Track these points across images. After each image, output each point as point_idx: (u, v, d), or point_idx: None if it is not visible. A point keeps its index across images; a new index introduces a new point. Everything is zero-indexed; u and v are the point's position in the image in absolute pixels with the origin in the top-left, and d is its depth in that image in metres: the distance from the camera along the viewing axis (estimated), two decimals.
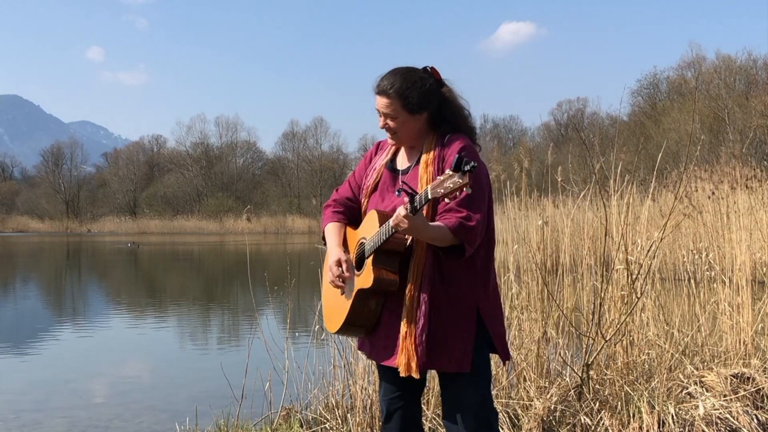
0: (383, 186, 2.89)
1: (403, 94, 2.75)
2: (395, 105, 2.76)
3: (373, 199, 2.91)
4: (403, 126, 2.80)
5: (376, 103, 2.81)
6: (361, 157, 12.82)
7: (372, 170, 2.96)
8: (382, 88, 2.78)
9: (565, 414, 4.27)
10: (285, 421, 4.71)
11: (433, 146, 2.79)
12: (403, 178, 2.82)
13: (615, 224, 5.07)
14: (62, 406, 6.19)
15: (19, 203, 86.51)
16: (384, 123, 2.81)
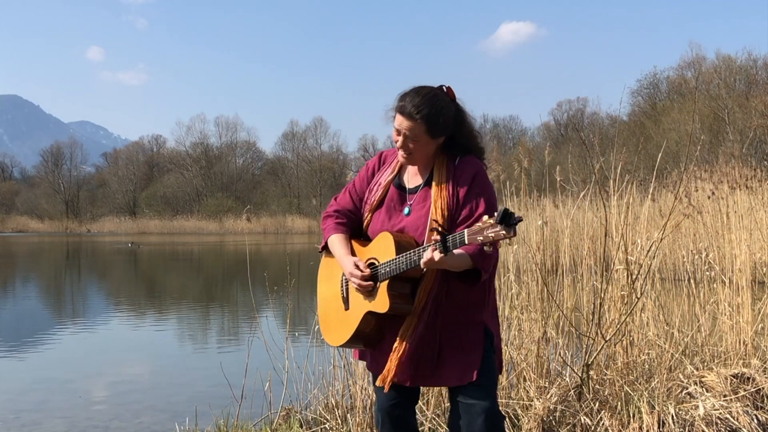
0: (390, 203, 2.86)
1: (430, 121, 2.72)
2: (419, 129, 2.72)
3: (378, 215, 2.87)
4: (422, 148, 2.77)
5: (398, 121, 2.74)
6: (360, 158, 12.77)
7: (377, 186, 2.92)
8: (408, 111, 2.71)
9: (565, 414, 4.26)
10: (285, 421, 4.71)
11: (445, 168, 2.79)
12: (411, 197, 2.82)
13: (615, 224, 5.07)
14: (62, 406, 6.18)
15: (18, 203, 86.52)
16: (403, 143, 2.75)
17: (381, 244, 2.77)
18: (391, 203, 2.86)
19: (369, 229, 2.90)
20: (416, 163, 2.84)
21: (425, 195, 2.79)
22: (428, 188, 2.79)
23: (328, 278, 3.00)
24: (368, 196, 2.93)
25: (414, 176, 2.87)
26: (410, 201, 2.83)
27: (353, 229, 2.96)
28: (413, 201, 2.82)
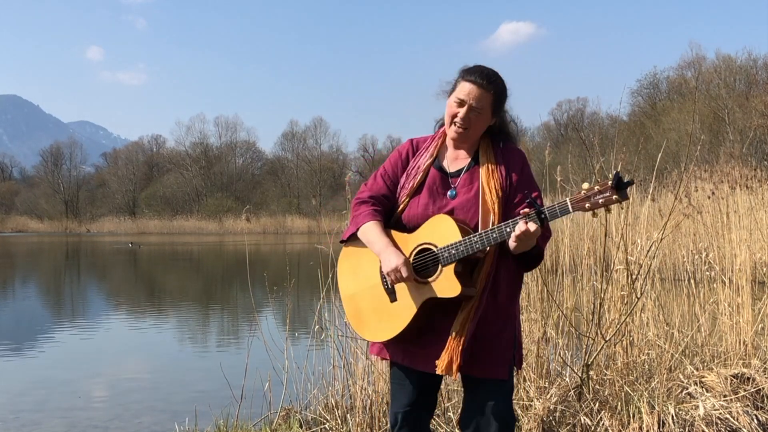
0: (432, 187, 2.76)
1: (498, 95, 2.72)
2: (486, 101, 2.70)
3: (417, 200, 2.76)
4: (480, 124, 2.74)
5: (464, 91, 2.69)
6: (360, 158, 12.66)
7: (415, 170, 2.81)
8: (481, 81, 2.68)
9: (565, 414, 4.26)
10: (284, 421, 4.70)
11: (492, 152, 2.76)
12: (454, 181, 2.75)
13: (615, 224, 5.07)
14: (61, 406, 6.18)
15: (18, 203, 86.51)
16: (465, 115, 2.69)
17: (438, 228, 2.64)
18: (433, 187, 2.76)
19: (405, 215, 2.77)
20: (468, 141, 2.77)
21: (471, 177, 2.73)
22: (473, 171, 2.74)
23: (354, 271, 2.83)
24: (405, 181, 2.81)
25: (455, 161, 2.80)
26: (454, 184, 2.75)
27: (386, 215, 2.82)
28: (458, 184, 2.74)
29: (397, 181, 2.84)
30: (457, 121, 2.72)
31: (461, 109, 2.70)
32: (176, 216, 69.63)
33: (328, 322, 4.85)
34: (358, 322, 2.80)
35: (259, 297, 10.08)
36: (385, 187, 2.84)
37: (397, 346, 2.76)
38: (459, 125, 2.72)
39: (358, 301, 2.80)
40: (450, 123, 2.74)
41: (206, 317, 12.45)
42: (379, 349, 2.85)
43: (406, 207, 2.78)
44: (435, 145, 2.84)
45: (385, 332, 2.71)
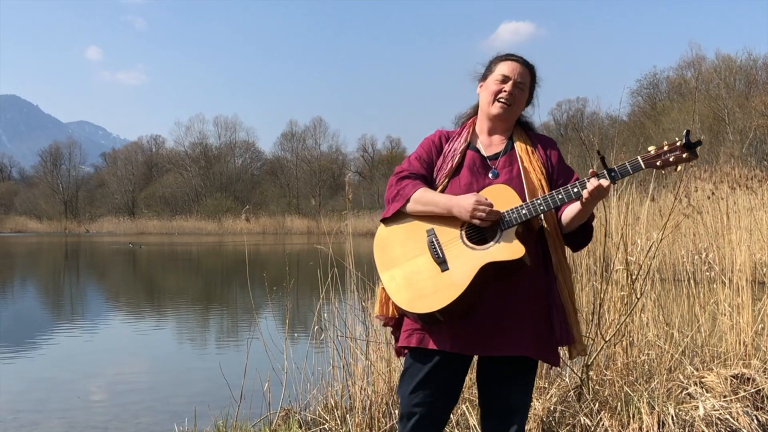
0: (472, 167, 2.76)
1: (534, 78, 2.86)
2: (528, 79, 2.81)
3: (458, 180, 2.74)
4: (521, 102, 2.83)
5: (509, 68, 2.78)
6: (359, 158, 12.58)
7: (452, 152, 2.81)
8: (523, 60, 2.82)
9: (565, 415, 4.25)
10: (284, 421, 4.69)
11: (526, 136, 2.85)
12: (493, 162, 2.77)
13: (614, 224, 5.06)
14: (60, 406, 6.17)
15: (17, 203, 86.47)
16: (511, 90, 2.76)
17: (495, 196, 2.62)
18: (473, 167, 2.76)
19: (447, 193, 2.72)
20: (509, 120, 2.82)
21: (509, 159, 2.77)
22: (511, 154, 2.78)
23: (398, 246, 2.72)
24: (442, 163, 2.81)
25: (489, 145, 2.83)
26: (494, 165, 2.77)
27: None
28: (498, 165, 2.77)
29: (432, 164, 2.82)
30: (502, 96, 2.77)
31: (506, 84, 2.77)
32: (175, 216, 69.58)
33: (327, 323, 4.85)
34: (401, 295, 2.65)
35: (258, 297, 10.07)
36: (423, 169, 2.82)
37: (442, 332, 2.64)
38: (505, 100, 2.77)
39: (403, 274, 2.67)
40: (493, 101, 2.78)
41: (205, 317, 12.44)
42: (419, 339, 2.68)
43: (446, 188, 2.74)
44: (468, 132, 2.87)
45: (436, 302, 2.56)
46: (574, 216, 2.63)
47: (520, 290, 2.63)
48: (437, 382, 2.68)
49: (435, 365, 2.67)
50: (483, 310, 2.62)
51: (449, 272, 2.58)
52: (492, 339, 2.62)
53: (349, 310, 4.86)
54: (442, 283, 2.58)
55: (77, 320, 12.06)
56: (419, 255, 2.66)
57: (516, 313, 2.62)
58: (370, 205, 51.23)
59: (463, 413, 4.22)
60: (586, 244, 2.76)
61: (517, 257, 2.52)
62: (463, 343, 2.63)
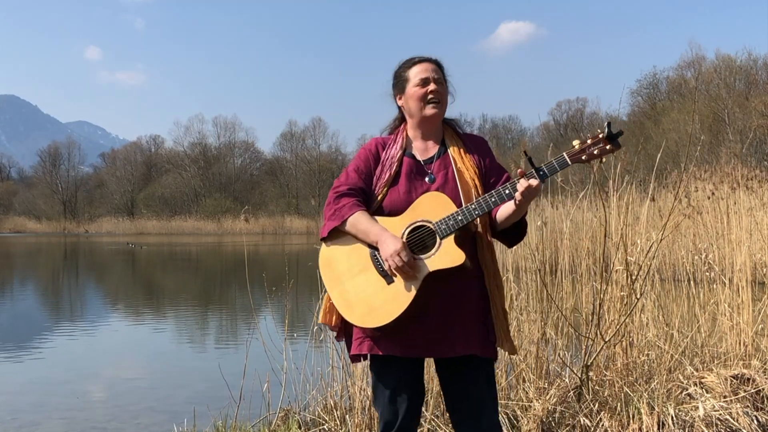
0: (410, 174, 2.80)
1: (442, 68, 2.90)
2: (442, 73, 2.87)
3: (397, 188, 2.78)
4: (446, 97, 2.87)
5: (422, 70, 2.83)
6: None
7: (389, 160, 2.84)
8: (428, 57, 2.87)
9: (565, 415, 4.25)
10: (283, 422, 4.69)
11: (457, 136, 2.89)
12: (428, 167, 2.81)
13: (614, 225, 5.05)
14: (59, 407, 6.16)
15: (16, 204, 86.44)
16: (435, 89, 2.81)
17: (431, 204, 2.68)
18: (410, 174, 2.81)
19: (387, 202, 2.77)
20: (439, 118, 2.86)
21: (443, 162, 2.81)
22: (444, 157, 2.83)
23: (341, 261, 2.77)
24: (381, 172, 2.83)
25: (424, 149, 2.87)
26: (429, 170, 2.81)
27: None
28: (433, 169, 2.81)
29: (371, 175, 2.85)
30: (431, 97, 2.81)
31: (428, 85, 2.81)
32: (175, 216, 69.55)
33: None
34: (350, 310, 2.71)
35: (257, 298, 10.06)
36: (361, 182, 2.84)
37: (392, 338, 2.69)
38: (433, 98, 2.82)
39: (349, 289, 2.72)
40: (423, 104, 2.82)
41: (205, 318, 12.43)
42: (370, 346, 2.74)
43: (385, 196, 2.79)
44: (402, 138, 2.90)
45: (386, 316, 2.63)
46: (508, 215, 2.70)
47: (463, 292, 2.71)
48: (402, 388, 2.75)
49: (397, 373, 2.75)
50: (429, 314, 2.68)
51: (395, 285, 2.65)
52: (440, 341, 2.69)
53: None
54: (390, 296, 2.64)
55: (76, 320, 12.04)
56: (364, 270, 2.72)
57: (460, 314, 2.69)
58: None
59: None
60: (520, 239, 2.82)
61: (458, 263, 2.60)
62: (413, 348, 2.70)
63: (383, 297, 2.65)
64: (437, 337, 2.67)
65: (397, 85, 2.90)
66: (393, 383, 2.76)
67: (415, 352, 2.70)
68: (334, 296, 2.76)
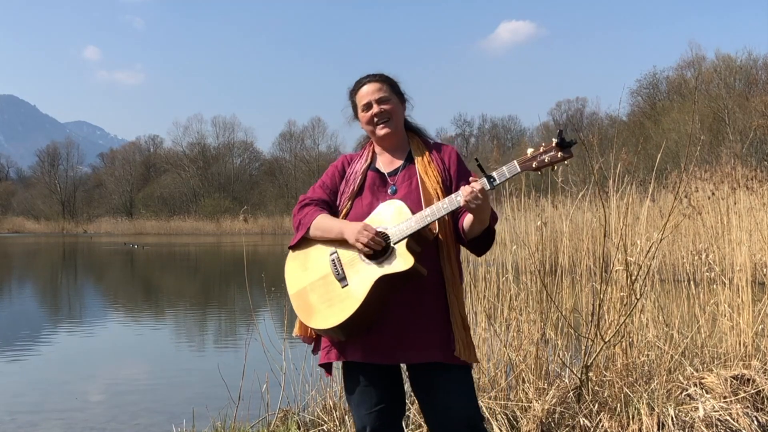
0: (372, 187, 2.85)
1: (390, 80, 2.90)
2: (386, 88, 2.87)
3: (360, 200, 2.84)
4: (395, 112, 2.87)
5: (365, 93, 2.87)
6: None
7: (353, 175, 2.91)
8: (368, 78, 2.89)
9: (564, 416, 4.24)
10: (282, 423, 4.68)
11: (423, 146, 2.90)
12: (392, 179, 2.84)
13: (614, 225, 5.05)
14: (58, 407, 6.16)
15: (14, 204, 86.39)
16: (379, 109, 2.84)
17: (387, 212, 2.72)
18: (373, 187, 2.85)
19: (351, 215, 2.83)
20: (396, 134, 2.88)
21: (408, 173, 2.84)
22: (410, 168, 2.85)
23: (303, 269, 2.85)
24: (344, 187, 2.91)
25: (389, 162, 2.90)
26: (393, 182, 2.84)
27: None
28: (396, 181, 2.84)
29: (336, 190, 2.94)
30: (376, 119, 2.85)
31: (371, 109, 2.85)
32: (173, 217, 69.50)
33: None
34: (307, 314, 2.77)
35: (256, 298, 10.04)
36: (326, 195, 2.94)
37: (355, 344, 2.73)
38: (380, 119, 2.85)
39: (307, 293, 2.79)
40: (373, 127, 2.87)
41: (204, 318, 12.42)
42: (337, 354, 2.80)
43: (350, 209, 2.86)
44: (368, 153, 2.96)
45: (336, 316, 2.68)
46: (471, 224, 2.68)
47: (423, 298, 2.71)
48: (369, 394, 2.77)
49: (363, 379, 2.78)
50: (388, 321, 2.69)
51: (348, 287, 2.70)
52: (397, 348, 2.70)
53: None
54: (342, 298, 2.69)
55: (75, 321, 12.03)
56: (321, 275, 2.78)
57: (421, 320, 2.69)
58: None
59: None
60: (486, 249, 2.77)
61: (406, 268, 2.60)
62: (373, 354, 2.72)
63: (335, 299, 2.71)
64: (394, 343, 2.69)
65: (353, 111, 2.97)
66: (360, 389, 2.79)
67: (376, 358, 2.72)
68: (292, 300, 2.84)
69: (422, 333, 2.69)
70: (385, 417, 2.77)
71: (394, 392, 2.81)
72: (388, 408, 2.78)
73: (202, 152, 77.88)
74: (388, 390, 2.79)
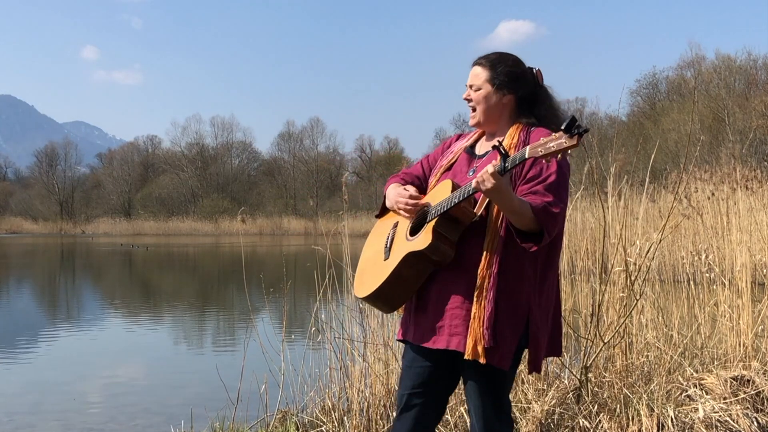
0: (458, 167, 2.83)
1: (494, 66, 2.76)
2: (482, 77, 2.77)
3: (444, 178, 2.82)
4: (483, 102, 2.76)
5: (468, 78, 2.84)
6: (357, 158, 12.75)
7: (450, 153, 2.91)
8: (477, 59, 2.82)
9: (564, 417, 4.23)
10: (281, 424, 4.67)
11: (517, 133, 2.73)
12: (478, 161, 2.77)
13: (613, 225, 5.04)
14: (56, 408, 6.14)
15: (12, 204, 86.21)
16: (467, 96, 2.81)
17: (437, 191, 2.72)
18: (459, 167, 2.83)
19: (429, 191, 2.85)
20: (483, 123, 2.81)
21: (491, 158, 2.72)
22: (495, 152, 2.69)
23: (373, 241, 2.94)
24: (440, 162, 2.92)
25: (486, 146, 2.84)
26: (476, 164, 2.78)
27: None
28: (480, 164, 2.76)
29: (434, 165, 2.96)
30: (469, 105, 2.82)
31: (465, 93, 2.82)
32: (172, 217, 69.42)
33: (324, 324, 4.82)
34: (357, 281, 2.89)
35: (255, 299, 10.02)
36: (420, 170, 2.98)
37: (408, 323, 2.78)
38: (470, 107, 2.82)
39: (364, 264, 2.91)
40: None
41: (202, 319, 12.40)
42: (400, 332, 2.86)
43: (434, 185, 2.84)
44: (477, 133, 2.92)
45: (368, 288, 2.74)
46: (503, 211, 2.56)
47: (460, 285, 2.61)
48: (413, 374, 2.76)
49: (406, 354, 2.81)
50: (429, 302, 2.67)
51: (386, 261, 2.75)
52: (435, 331, 2.65)
53: (346, 312, 4.84)
54: (378, 271, 2.74)
55: (73, 322, 12.02)
56: (379, 246, 2.86)
57: (453, 307, 2.61)
58: (367, 205, 51.12)
59: (461, 415, 4.19)
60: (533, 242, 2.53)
61: (422, 247, 2.57)
62: (419, 334, 2.71)
63: (376, 271, 2.76)
64: (433, 324, 2.65)
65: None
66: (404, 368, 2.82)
67: (419, 339, 2.70)
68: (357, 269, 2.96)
69: (453, 319, 2.60)
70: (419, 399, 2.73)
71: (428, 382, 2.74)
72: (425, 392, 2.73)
73: (201, 152, 77.78)
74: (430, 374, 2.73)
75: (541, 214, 2.49)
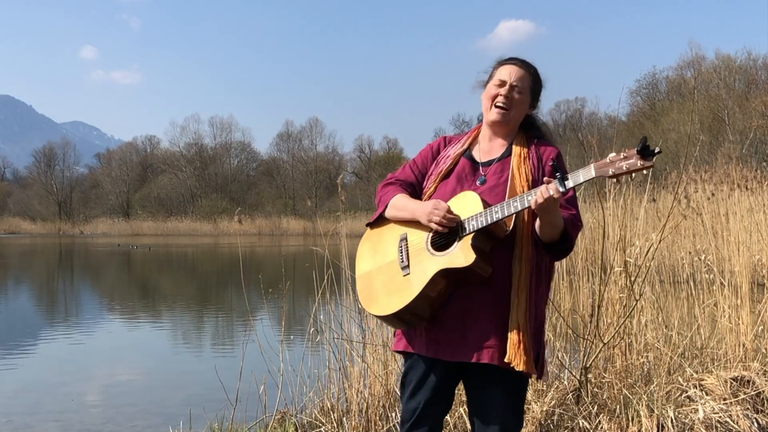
0: (461, 174, 2.77)
1: (536, 80, 2.80)
2: (527, 83, 2.77)
3: (445, 185, 2.78)
4: (521, 106, 2.77)
5: (506, 72, 2.76)
6: (356, 158, 12.78)
7: (445, 158, 2.84)
8: (521, 63, 2.78)
9: (563, 418, 4.23)
10: (280, 424, 4.66)
11: (525, 144, 2.76)
12: (485, 170, 2.75)
13: (613, 226, 5.03)
14: (54, 409, 6.13)
15: (10, 204, 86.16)
16: (508, 93, 2.73)
17: (462, 202, 2.63)
18: (462, 173, 2.77)
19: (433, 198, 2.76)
20: (508, 125, 2.78)
21: (502, 166, 2.72)
22: (506, 161, 2.73)
23: (374, 251, 2.82)
24: (434, 168, 2.85)
25: (488, 152, 2.81)
26: (484, 172, 2.75)
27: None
28: (488, 172, 2.74)
29: (425, 172, 2.88)
30: (498, 101, 2.75)
31: (502, 88, 2.74)
32: (170, 217, 69.34)
33: (323, 325, 4.81)
34: (368, 298, 2.75)
35: (254, 299, 10.04)
36: (413, 176, 2.89)
37: (421, 337, 2.70)
38: (502, 104, 2.75)
39: (372, 277, 2.77)
40: (491, 105, 2.77)
41: (201, 320, 12.39)
42: (404, 344, 2.76)
43: (433, 192, 2.79)
44: (469, 138, 2.88)
45: (393, 305, 2.63)
46: (540, 226, 2.55)
47: (487, 298, 2.61)
48: (428, 387, 2.72)
49: (420, 368, 2.73)
50: (452, 317, 2.63)
51: (409, 277, 2.64)
52: (458, 345, 2.63)
53: (345, 312, 4.83)
54: (400, 287, 2.64)
55: (71, 322, 11.99)
56: (388, 261, 2.74)
57: (480, 320, 2.60)
58: (366, 206, 51.10)
59: (461, 416, 4.18)
60: (562, 254, 2.64)
61: (466, 264, 2.52)
62: (434, 348, 2.67)
63: (394, 287, 2.66)
64: (455, 339, 2.62)
65: (486, 80, 2.85)
66: (415, 382, 2.74)
67: (437, 352, 2.66)
68: (359, 283, 2.81)
69: (482, 333, 2.59)
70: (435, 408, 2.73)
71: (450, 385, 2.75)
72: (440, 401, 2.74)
73: (199, 152, 77.74)
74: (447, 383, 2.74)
75: (569, 227, 2.56)
